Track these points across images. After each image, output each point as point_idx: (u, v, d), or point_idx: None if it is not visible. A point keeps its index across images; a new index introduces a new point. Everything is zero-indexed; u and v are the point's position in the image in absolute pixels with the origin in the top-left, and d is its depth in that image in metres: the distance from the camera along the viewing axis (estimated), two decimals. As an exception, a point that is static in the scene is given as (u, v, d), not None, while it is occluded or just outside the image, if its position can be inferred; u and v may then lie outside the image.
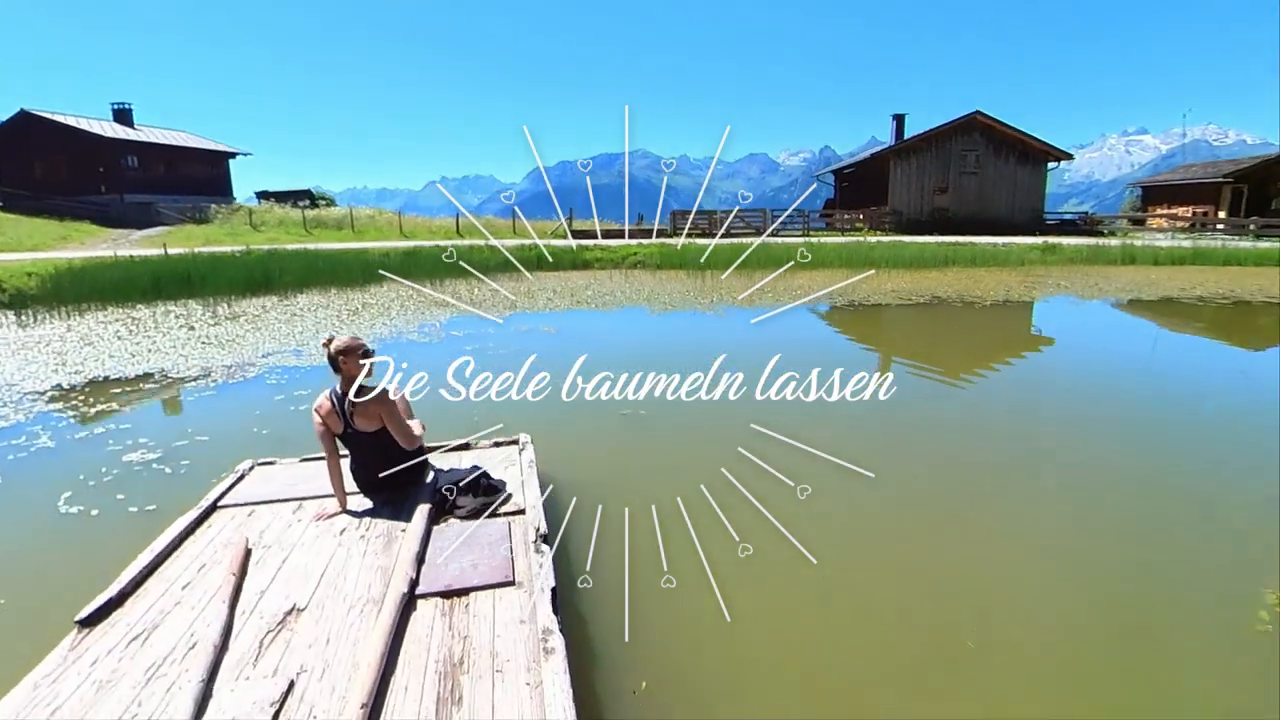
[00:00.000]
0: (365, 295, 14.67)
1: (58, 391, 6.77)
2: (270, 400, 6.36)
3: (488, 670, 2.17)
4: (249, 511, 3.39)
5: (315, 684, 2.13)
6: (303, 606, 2.57)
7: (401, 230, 28.29)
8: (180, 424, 5.63)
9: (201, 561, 2.93)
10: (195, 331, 10.18)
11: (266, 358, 8.23)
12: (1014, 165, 31.60)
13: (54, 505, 4.07)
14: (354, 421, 3.34)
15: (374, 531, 3.16)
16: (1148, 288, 16.47)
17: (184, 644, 2.34)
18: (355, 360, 3.31)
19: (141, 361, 8.08)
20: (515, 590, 2.64)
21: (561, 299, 13.96)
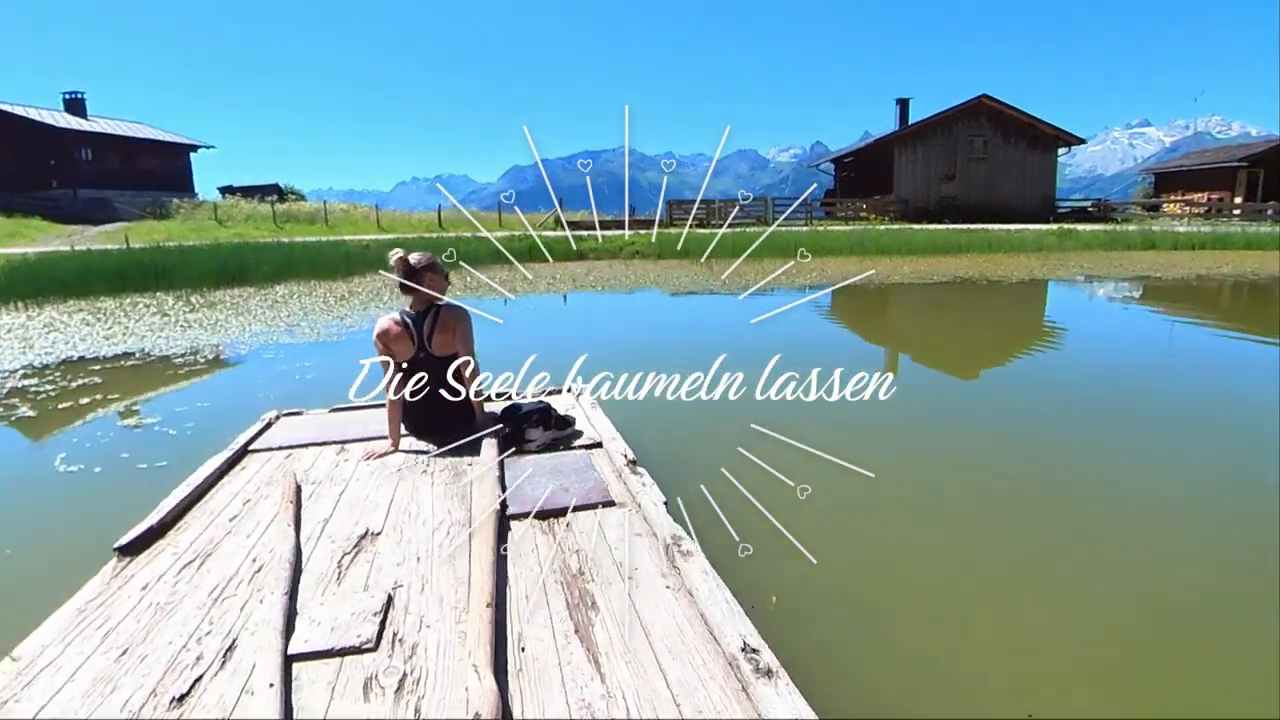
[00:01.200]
0: (349, 285, 14.44)
1: (30, 370, 6.54)
2: (272, 369, 6.18)
3: (616, 577, 2.05)
4: (286, 454, 3.24)
5: (417, 596, 1.99)
6: (377, 530, 2.43)
7: (379, 224, 28.04)
8: (176, 394, 5.42)
9: (245, 496, 2.77)
10: (170, 318, 9.94)
11: (256, 337, 8.02)
12: (1023, 151, 31.90)
13: (51, 465, 3.87)
14: (430, 342, 3.17)
15: (436, 466, 3.02)
16: (1171, 268, 16.61)
17: (248, 567, 2.19)
18: (440, 276, 3.25)
19: (118, 343, 7.84)
20: (620, 509, 2.53)
21: (563, 284, 13.81)
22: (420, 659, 1.68)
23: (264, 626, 1.78)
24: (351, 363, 6.41)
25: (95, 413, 4.95)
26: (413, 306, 3.24)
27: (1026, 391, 5.62)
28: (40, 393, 5.59)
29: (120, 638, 1.81)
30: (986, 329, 9.09)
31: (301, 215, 28.27)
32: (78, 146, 31.05)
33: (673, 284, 13.57)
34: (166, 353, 7.23)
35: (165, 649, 1.75)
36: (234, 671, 1.64)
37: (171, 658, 1.71)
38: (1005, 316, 10.15)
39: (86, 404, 5.20)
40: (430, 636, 1.77)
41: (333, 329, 8.36)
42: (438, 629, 1.81)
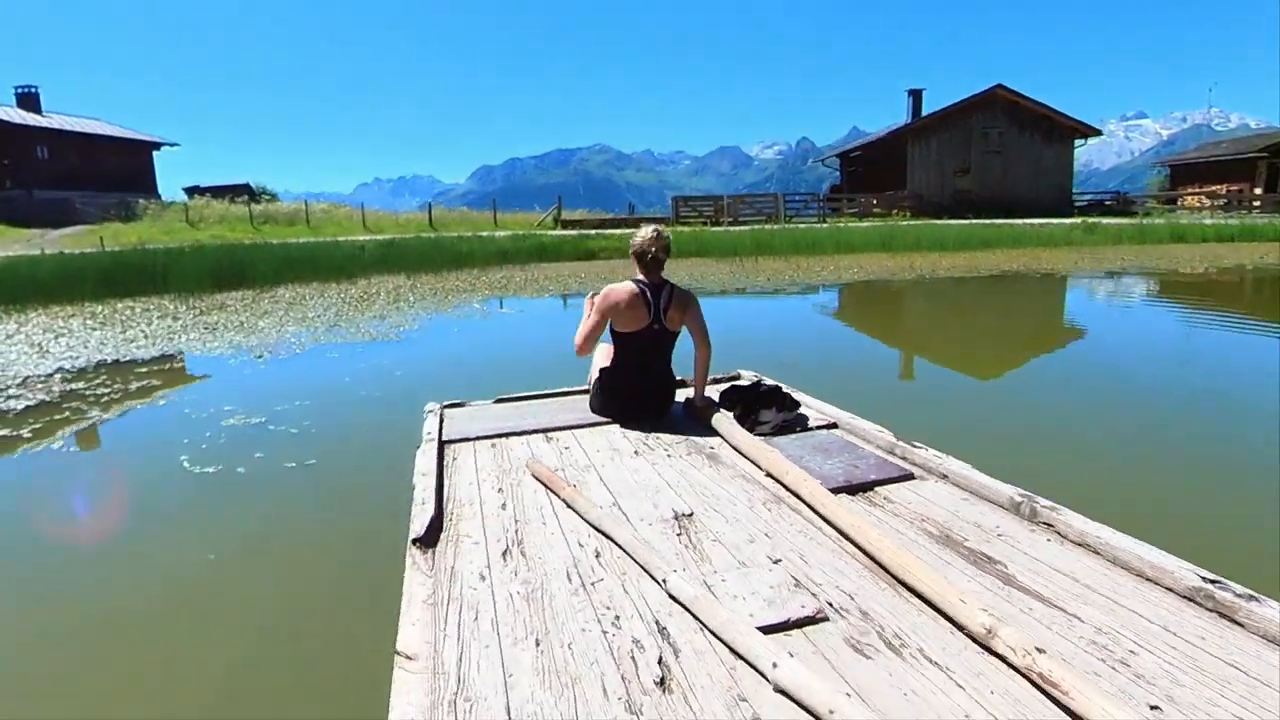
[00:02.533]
0: (361, 286, 14.22)
1: (66, 374, 6.33)
2: (351, 368, 6.03)
3: (986, 537, 2.13)
4: (491, 444, 3.17)
5: (806, 568, 1.99)
6: (685, 511, 2.39)
7: (365, 225, 27.73)
8: (259, 393, 5.25)
9: (494, 484, 2.70)
10: (181, 321, 9.71)
11: (298, 339, 7.85)
12: (1039, 143, 32.39)
13: (177, 465, 3.71)
14: (665, 315, 3.34)
15: (680, 450, 3.00)
16: (1214, 259, 16.91)
17: (579, 551, 2.14)
18: (667, 252, 3.42)
19: (145, 346, 7.63)
20: (921, 482, 2.59)
21: (597, 283, 13.70)
22: (883, 621, 1.73)
23: (695, 605, 1.73)
24: (428, 360, 6.31)
25: (183, 412, 4.78)
26: (649, 279, 3.38)
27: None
28: (98, 395, 5.39)
29: (516, 629, 1.73)
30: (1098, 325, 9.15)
31: (280, 216, 27.88)
32: (33, 144, 30.42)
33: (718, 283, 13.52)
34: (208, 354, 7.04)
35: (582, 637, 1.65)
36: (700, 652, 1.58)
37: (604, 647, 1.63)
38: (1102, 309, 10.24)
39: (166, 404, 5.03)
40: (872, 602, 1.82)
41: (381, 328, 8.20)
42: (871, 595, 1.86)
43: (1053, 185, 32.71)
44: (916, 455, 2.81)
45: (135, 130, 35.71)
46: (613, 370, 3.46)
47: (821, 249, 20.32)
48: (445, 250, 19.57)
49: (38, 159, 30.44)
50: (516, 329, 8.21)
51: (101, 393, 5.51)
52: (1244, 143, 36.64)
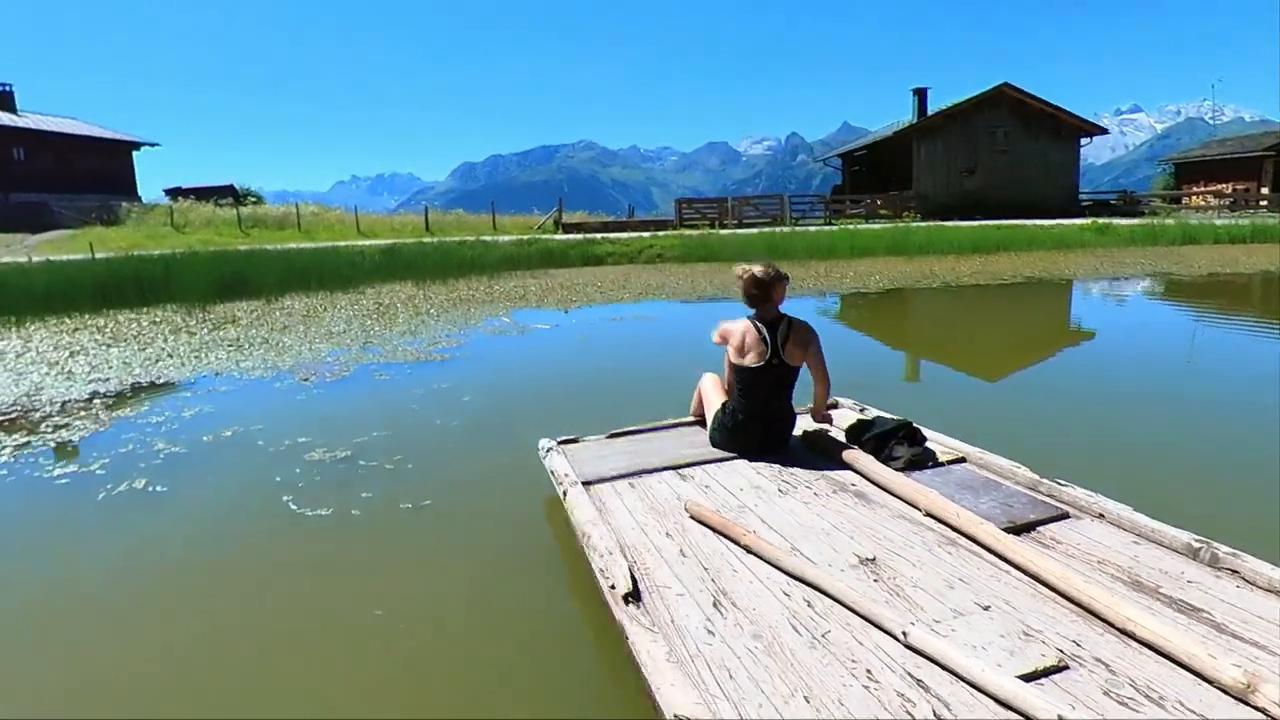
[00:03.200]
0: (368, 297, 14.15)
1: (106, 399, 6.27)
2: (411, 394, 6.02)
3: (1183, 582, 2.26)
4: (629, 483, 3.24)
5: (1019, 614, 2.12)
6: (867, 556, 2.49)
7: (359, 229, 27.59)
8: (326, 422, 5.21)
9: (662, 529, 2.77)
10: (199, 337, 9.64)
11: (335, 358, 7.81)
12: (1045, 142, 32.74)
13: (284, 509, 3.68)
14: (784, 350, 3.44)
15: (822, 487, 3.13)
16: (1232, 262, 17.15)
17: (789, 601, 2.23)
18: (785, 284, 3.56)
19: (175, 367, 7.56)
20: (1078, 521, 2.71)
21: (616, 291, 13.72)
22: (1127, 671, 1.82)
23: (943, 656, 1.80)
24: (488, 385, 6.31)
25: (255, 445, 4.75)
26: (764, 314, 3.53)
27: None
28: (152, 424, 5.32)
29: (778, 685, 1.80)
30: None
31: (269, 220, 27.68)
32: (8, 145, 30.04)
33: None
34: (247, 376, 6.99)
35: (848, 692, 1.72)
36: (968, 704, 1.67)
37: (876, 702, 1.71)
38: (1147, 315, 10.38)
39: (233, 436, 4.98)
40: (1103, 651, 1.91)
41: (418, 347, 8.16)
42: (1097, 644, 1.95)
43: (1060, 184, 33.09)
44: (1066, 493, 2.87)
45: (114, 130, 35.35)
46: (735, 406, 3.54)
47: (835, 253, 20.46)
48: (449, 256, 19.55)
49: (13, 160, 30.07)
50: (561, 348, 8.21)
51: (155, 421, 5.46)
52: (1250, 140, 37.18)
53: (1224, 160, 36.04)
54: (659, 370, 7.05)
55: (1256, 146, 34.76)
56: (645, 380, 6.66)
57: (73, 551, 3.41)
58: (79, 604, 2.95)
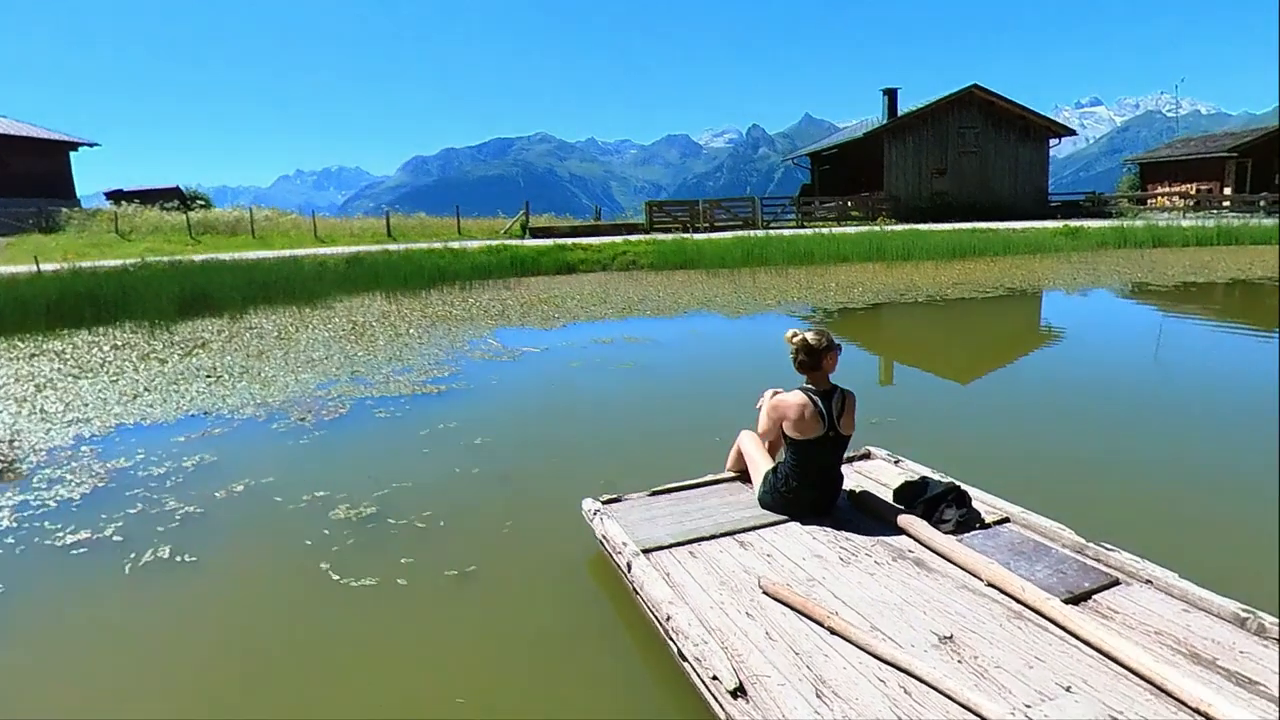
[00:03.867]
0: (338, 313, 14.02)
1: (93, 445, 6.17)
2: (418, 435, 6.03)
3: (1235, 653, 2.47)
4: (689, 550, 3.36)
5: (1099, 694, 2.30)
6: (944, 634, 2.65)
7: (317, 235, 27.20)
8: (343, 474, 5.20)
9: (740, 608, 2.88)
10: (171, 365, 9.48)
11: (325, 391, 7.77)
12: (1015, 143, 33.66)
13: (324, 577, 3.69)
14: (839, 422, 3.57)
15: (881, 554, 3.29)
16: (1204, 269, 17.85)
17: (886, 689, 2.37)
18: (837, 352, 3.62)
19: (159, 404, 7.43)
20: (1128, 588, 2.91)
21: (597, 306, 13.77)
22: None
23: None
24: (498, 424, 6.35)
25: (274, 502, 4.74)
26: (816, 385, 3.63)
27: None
28: (155, 476, 5.28)
29: None
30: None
31: (221, 226, 27.12)
32: (-66, 146, 28.96)
33: (724, 303, 13.73)
34: (236, 415, 6.92)
35: None
36: None
37: None
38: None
39: (242, 491, 4.96)
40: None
41: (410, 377, 8.13)
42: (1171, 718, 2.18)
43: (1029, 186, 34.04)
44: (1113, 558, 3.08)
45: (49, 129, 34.25)
46: (788, 473, 3.64)
47: (813, 259, 20.81)
48: (416, 265, 19.41)
49: (-60, 163, 28.99)
50: (557, 376, 8.24)
51: (157, 474, 5.39)
52: (1212, 141, 38.60)
53: (1187, 161, 37.36)
54: (666, 404, 7.16)
55: (1219, 147, 36.10)
56: (654, 416, 6.76)
57: (112, 638, 3.38)
58: (129, 696, 2.96)
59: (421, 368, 8.63)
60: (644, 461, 5.42)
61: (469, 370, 8.43)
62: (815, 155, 40.83)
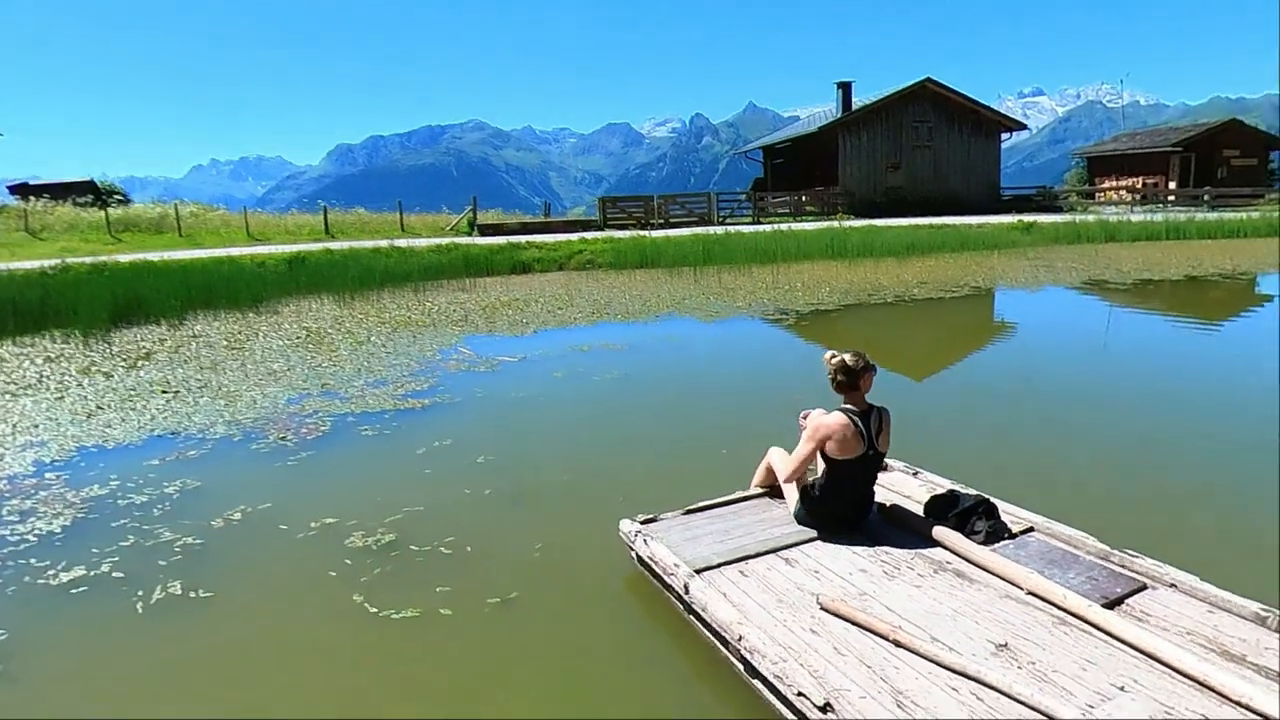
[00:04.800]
0: (286, 318, 13.78)
1: (58, 471, 6.02)
2: (413, 453, 6.05)
3: (1260, 649, 2.77)
4: (739, 571, 3.52)
5: (1149, 692, 2.57)
6: (999, 641, 2.88)
7: (249, 232, 26.51)
8: (346, 497, 5.18)
9: (804, 625, 3.06)
10: (117, 380, 9.23)
11: (298, 406, 7.68)
12: (967, 137, 34.74)
13: (361, 611, 3.71)
14: (878, 441, 3.82)
15: (923, 568, 3.52)
16: (1157, 266, 18.77)
17: (964, 692, 2.60)
18: (872, 377, 3.83)
19: (118, 424, 7.25)
20: (1154, 591, 3.19)
21: (564, 310, 13.81)
22: None
23: None
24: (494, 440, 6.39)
25: (279, 530, 4.73)
26: (855, 405, 3.84)
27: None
28: (138, 505, 5.18)
29: None
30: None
31: (144, 222, 26.20)
32: None
33: (695, 305, 13.91)
34: (210, 435, 6.79)
35: None
36: None
37: None
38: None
39: (239, 521, 4.90)
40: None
41: (387, 391, 8.07)
42: (1215, 710, 2.46)
43: (981, 180, 35.17)
44: (1137, 564, 3.38)
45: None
46: (829, 490, 3.85)
47: (774, 257, 21.16)
48: (364, 266, 19.15)
49: None
50: (542, 387, 8.24)
51: (139, 501, 5.29)
52: (1157, 135, 40.48)
53: (1133, 155, 39.08)
54: (662, 417, 7.27)
55: (1163, 142, 37.87)
56: (653, 430, 6.88)
57: (140, 683, 3.37)
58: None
59: (396, 380, 8.59)
60: (654, 477, 5.56)
61: (449, 382, 8.42)
62: (768, 149, 41.44)
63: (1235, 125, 38.50)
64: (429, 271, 19.55)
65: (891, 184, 34.19)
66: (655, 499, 4.52)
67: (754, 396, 7.96)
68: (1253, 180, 36.50)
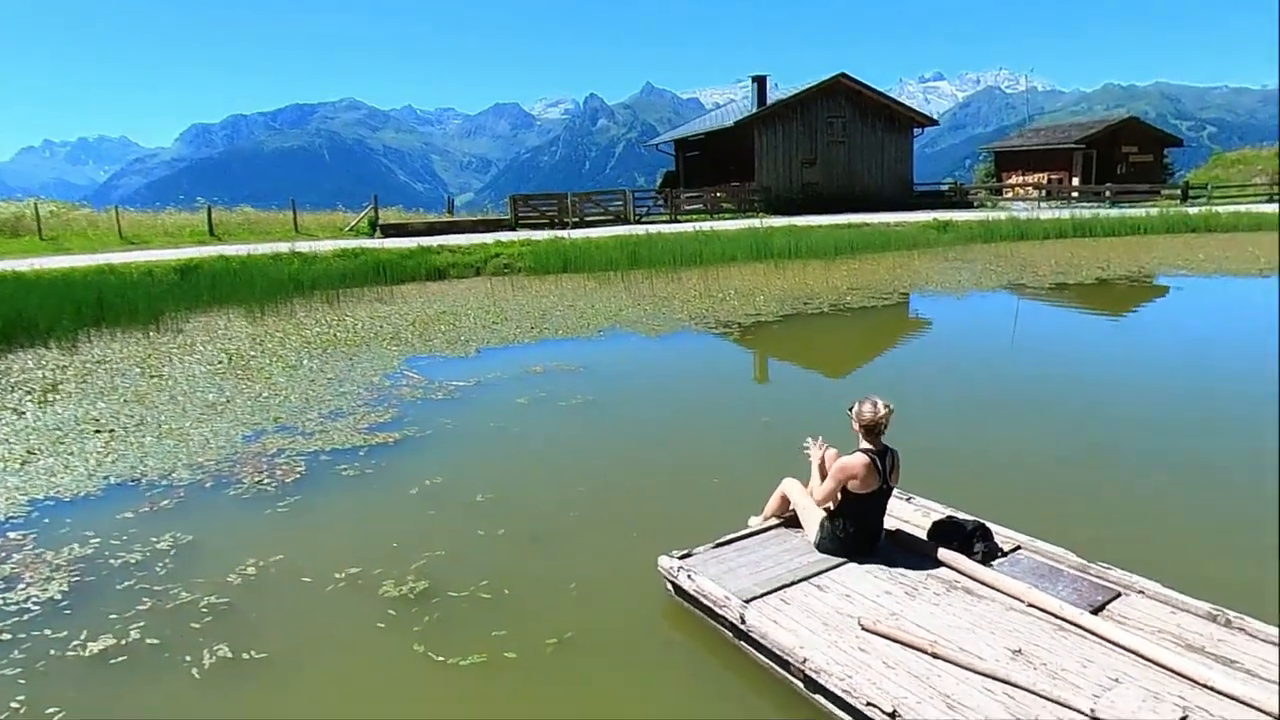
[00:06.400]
0: (200, 337, 13.57)
1: (25, 530, 5.98)
2: (406, 495, 6.36)
3: (1216, 642, 3.60)
4: (780, 599, 4.13)
5: (1139, 681, 3.32)
6: (1014, 648, 3.59)
7: (121, 234, 25.46)
8: (357, 545, 5.42)
9: (854, 645, 3.68)
10: (31, 415, 9.04)
11: (254, 444, 7.82)
12: (881, 133, 36.65)
13: (422, 660, 4.08)
14: (890, 478, 4.57)
15: (936, 587, 4.23)
16: (1071, 269, 20.53)
17: (996, 692, 3.29)
18: (890, 418, 4.56)
19: (61, 472, 7.14)
20: (1126, 598, 3.98)
21: (499, 325, 14.09)
22: (1222, 710, 3.10)
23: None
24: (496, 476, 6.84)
25: (300, 581, 5.01)
26: (873, 445, 4.56)
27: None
28: (135, 562, 5.30)
29: None
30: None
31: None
32: None
33: (634, 317, 14.45)
34: (179, 481, 6.88)
35: None
36: None
37: None
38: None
39: (257, 574, 5.13)
40: (1220, 710, 3.13)
41: (346, 424, 8.29)
42: (1206, 702, 3.16)
43: (895, 176, 37.16)
44: (1110, 575, 4.21)
45: None
46: (845, 520, 4.58)
47: (700, 260, 21.97)
48: (266, 274, 18.87)
49: None
50: (518, 419, 8.44)
51: (136, 560, 5.35)
52: (1061, 131, 43.72)
53: (1041, 150, 42.11)
54: (644, 446, 7.85)
55: (1067, 138, 41.02)
56: (637, 461, 7.43)
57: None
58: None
59: (352, 410, 8.80)
60: (656, 510, 6.12)
61: (410, 412, 8.71)
62: (681, 142, 42.44)
63: (1134, 123, 42.07)
64: (337, 279, 19.45)
65: (807, 180, 35.72)
66: (665, 531, 5.21)
67: (725, 420, 8.64)
68: (1149, 176, 39.94)
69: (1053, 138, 42.77)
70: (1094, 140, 39.96)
